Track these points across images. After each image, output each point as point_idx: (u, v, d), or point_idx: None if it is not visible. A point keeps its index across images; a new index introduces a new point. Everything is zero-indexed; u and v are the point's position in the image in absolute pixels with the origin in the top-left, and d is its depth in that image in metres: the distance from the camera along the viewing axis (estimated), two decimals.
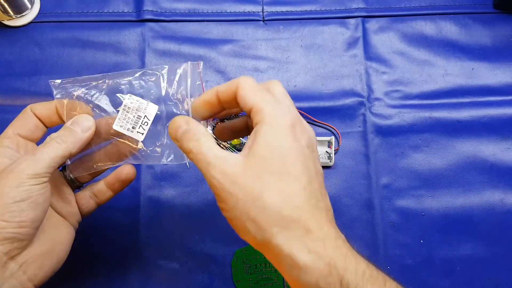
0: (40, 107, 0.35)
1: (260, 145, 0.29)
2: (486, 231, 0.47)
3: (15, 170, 0.31)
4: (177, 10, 0.53)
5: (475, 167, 0.49)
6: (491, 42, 0.53)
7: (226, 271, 0.46)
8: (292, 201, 0.28)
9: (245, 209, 0.28)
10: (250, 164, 0.29)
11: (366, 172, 0.49)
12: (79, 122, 0.34)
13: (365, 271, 0.28)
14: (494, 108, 0.50)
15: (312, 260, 0.27)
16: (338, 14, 0.53)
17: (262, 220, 0.28)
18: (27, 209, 0.30)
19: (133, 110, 0.35)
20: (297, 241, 0.28)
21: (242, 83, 0.31)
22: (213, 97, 0.32)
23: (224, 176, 0.28)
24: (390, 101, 0.51)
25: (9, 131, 0.35)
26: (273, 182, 0.28)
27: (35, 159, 0.32)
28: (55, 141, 0.33)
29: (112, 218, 0.47)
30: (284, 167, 0.28)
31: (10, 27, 0.52)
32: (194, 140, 0.30)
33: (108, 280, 0.46)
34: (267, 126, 0.29)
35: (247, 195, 0.28)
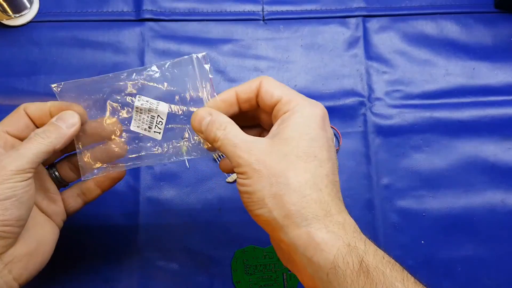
0: (34, 107, 0.35)
1: (289, 129, 0.30)
2: (487, 232, 0.47)
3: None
4: (177, 9, 0.53)
5: (476, 167, 0.49)
6: (492, 42, 0.53)
7: (226, 272, 0.46)
8: (315, 184, 0.29)
9: (268, 185, 0.28)
10: (277, 145, 0.30)
11: (366, 172, 0.49)
12: (64, 118, 0.34)
13: (384, 256, 0.28)
14: (495, 108, 0.50)
15: (331, 238, 0.27)
16: (339, 14, 0.53)
17: (284, 196, 0.28)
18: (11, 207, 0.30)
19: (145, 111, 0.35)
20: (316, 220, 0.28)
21: (265, 80, 0.32)
22: (232, 96, 0.33)
23: (251, 155, 0.29)
24: (391, 101, 0.51)
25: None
26: (298, 163, 0.29)
27: (18, 154, 0.31)
28: (39, 136, 0.33)
29: (112, 218, 0.47)
30: (311, 151, 0.29)
31: (9, 27, 0.51)
32: (220, 129, 0.31)
33: (107, 280, 0.46)
34: (297, 113, 0.30)
35: (271, 172, 0.29)
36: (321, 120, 0.31)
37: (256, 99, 0.33)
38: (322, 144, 0.30)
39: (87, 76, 0.50)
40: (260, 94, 0.32)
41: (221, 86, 0.51)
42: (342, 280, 0.27)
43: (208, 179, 0.48)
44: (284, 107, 0.31)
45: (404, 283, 0.27)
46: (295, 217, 0.28)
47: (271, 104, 0.32)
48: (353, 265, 0.27)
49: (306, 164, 0.29)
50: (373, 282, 0.26)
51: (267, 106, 0.32)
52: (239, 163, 0.30)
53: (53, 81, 0.50)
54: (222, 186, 0.48)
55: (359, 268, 0.26)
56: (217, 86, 0.51)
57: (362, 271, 0.26)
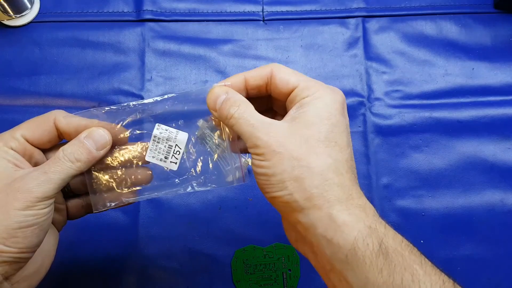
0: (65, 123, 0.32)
1: (310, 114, 0.29)
2: (487, 231, 0.47)
3: (24, 189, 0.28)
4: (177, 10, 0.53)
5: (475, 167, 0.49)
6: (491, 42, 0.53)
7: (226, 271, 0.46)
8: (337, 168, 0.28)
9: (289, 167, 0.28)
10: (297, 129, 0.29)
11: (366, 172, 0.49)
12: (94, 137, 0.32)
13: (403, 240, 0.28)
14: (495, 108, 0.50)
15: (352, 220, 0.27)
16: (338, 14, 0.53)
17: (306, 179, 0.28)
18: (31, 235, 0.29)
19: (163, 140, 0.34)
20: (338, 202, 0.28)
21: (277, 67, 0.31)
22: (241, 82, 0.32)
23: (270, 136, 0.29)
24: (390, 101, 0.51)
25: (17, 133, 0.31)
26: (320, 148, 0.29)
27: (47, 179, 0.29)
28: (67, 158, 0.30)
29: (112, 218, 0.47)
30: (332, 137, 0.29)
31: (9, 27, 0.51)
32: (235, 106, 0.30)
33: (107, 280, 0.46)
34: (317, 99, 0.30)
35: (293, 155, 0.28)
36: (341, 106, 0.30)
37: (266, 86, 0.32)
38: (343, 130, 0.30)
39: (87, 75, 0.51)
40: (273, 82, 0.31)
41: None
42: (361, 261, 0.27)
43: None
44: (302, 93, 0.30)
45: (422, 265, 0.27)
46: (317, 199, 0.28)
47: (287, 91, 0.31)
48: (373, 247, 0.27)
49: (327, 149, 0.29)
50: (392, 264, 0.26)
51: (282, 93, 0.31)
52: (257, 144, 0.29)
53: (53, 81, 0.51)
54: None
55: (378, 250, 0.27)
56: None
57: (382, 253, 0.27)
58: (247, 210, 0.48)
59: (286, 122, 0.30)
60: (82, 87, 0.50)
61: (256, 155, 0.29)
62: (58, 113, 0.32)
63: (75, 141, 0.31)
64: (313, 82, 0.31)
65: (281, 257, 0.46)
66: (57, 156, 0.30)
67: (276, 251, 0.46)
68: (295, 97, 0.31)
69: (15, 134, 0.31)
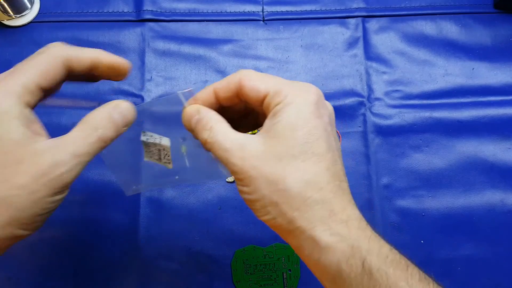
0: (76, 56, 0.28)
1: (282, 125, 0.28)
2: (487, 232, 0.47)
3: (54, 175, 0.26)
4: (177, 10, 0.53)
5: (475, 167, 0.49)
6: (491, 42, 0.53)
7: (226, 271, 0.46)
8: (316, 183, 0.27)
9: (267, 192, 0.27)
10: (271, 146, 0.28)
11: (366, 172, 0.49)
12: (123, 110, 0.29)
13: (388, 254, 0.27)
14: (495, 108, 0.50)
15: (335, 241, 0.27)
16: (338, 14, 0.53)
17: (284, 204, 0.27)
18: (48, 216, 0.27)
19: (152, 144, 0.34)
20: (320, 222, 0.27)
21: (245, 74, 0.29)
22: (210, 96, 0.31)
23: (244, 161, 0.27)
24: (391, 101, 0.51)
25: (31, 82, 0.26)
26: (295, 164, 0.27)
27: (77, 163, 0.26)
28: (98, 134, 0.27)
29: (112, 218, 0.47)
30: (307, 147, 0.27)
31: (9, 27, 0.51)
32: (207, 129, 0.29)
33: (107, 280, 0.46)
34: (288, 105, 0.28)
35: (269, 179, 0.27)
36: (315, 107, 0.28)
37: (238, 96, 0.30)
38: (319, 135, 0.28)
39: None
40: (244, 92, 0.29)
41: None
42: (347, 283, 0.26)
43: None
44: (274, 100, 0.28)
45: (408, 281, 0.26)
46: (299, 222, 0.27)
47: (259, 99, 0.29)
48: (356, 268, 0.26)
49: (304, 164, 0.27)
50: (376, 284, 0.26)
51: (256, 101, 0.30)
52: (234, 170, 0.28)
53: None
54: (222, 186, 0.48)
55: (362, 270, 0.26)
56: None
57: (365, 273, 0.26)
58: (247, 210, 0.48)
59: (260, 137, 0.28)
60: (82, 87, 0.50)
61: (236, 179, 0.29)
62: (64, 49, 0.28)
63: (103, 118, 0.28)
64: (284, 85, 0.29)
65: (281, 257, 0.46)
66: (87, 134, 0.27)
67: (276, 251, 0.46)
68: (268, 104, 0.29)
69: (30, 85, 0.26)
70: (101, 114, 0.28)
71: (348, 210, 0.28)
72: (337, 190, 0.28)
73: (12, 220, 0.25)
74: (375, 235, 0.28)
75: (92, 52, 0.29)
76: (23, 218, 0.25)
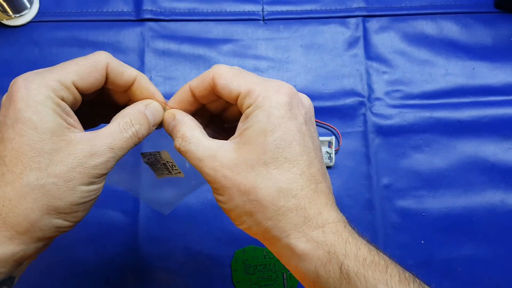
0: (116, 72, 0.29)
1: (253, 131, 0.27)
2: (487, 232, 0.47)
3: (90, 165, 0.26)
4: (177, 9, 0.53)
5: (476, 167, 0.49)
6: (492, 42, 0.53)
7: (225, 272, 0.46)
8: (289, 191, 0.27)
9: (241, 203, 0.27)
10: (242, 154, 0.27)
11: (366, 172, 0.49)
12: (154, 110, 0.29)
13: (366, 257, 0.26)
14: (495, 108, 0.50)
15: (311, 248, 0.26)
16: (339, 14, 0.53)
17: (258, 213, 0.27)
18: (89, 208, 0.27)
19: (155, 162, 0.34)
20: (295, 230, 0.27)
21: (217, 72, 0.28)
22: (187, 95, 0.30)
23: (217, 172, 0.27)
24: (391, 101, 0.51)
25: (68, 79, 0.27)
26: (267, 172, 0.26)
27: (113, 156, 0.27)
28: (134, 130, 0.28)
29: (112, 218, 0.47)
30: (279, 153, 0.27)
31: (9, 27, 0.51)
32: (179, 137, 0.29)
33: (107, 280, 0.46)
34: (259, 109, 0.27)
35: (241, 189, 0.27)
36: (286, 109, 0.27)
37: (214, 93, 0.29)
38: (291, 139, 0.27)
39: None
40: (217, 90, 0.29)
41: None
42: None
43: None
44: (245, 101, 0.28)
45: (387, 283, 0.26)
46: (274, 231, 0.27)
47: (233, 99, 0.28)
48: (334, 273, 0.26)
49: (276, 171, 0.26)
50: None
51: (230, 100, 0.29)
52: (208, 180, 0.28)
53: None
54: None
55: (340, 275, 0.26)
56: None
57: (344, 278, 0.26)
58: None
59: (233, 145, 0.28)
60: None
61: (212, 188, 0.28)
62: (109, 58, 0.29)
63: (139, 114, 0.29)
64: (255, 85, 0.28)
65: None
66: (123, 128, 0.28)
67: None
68: (241, 105, 0.28)
69: (66, 81, 0.27)
70: (136, 110, 0.29)
71: (324, 214, 0.27)
72: (312, 194, 0.27)
73: (50, 208, 0.25)
74: (353, 236, 0.27)
75: (136, 71, 0.30)
76: (60, 207, 0.25)
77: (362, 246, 0.27)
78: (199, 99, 0.30)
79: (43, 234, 0.26)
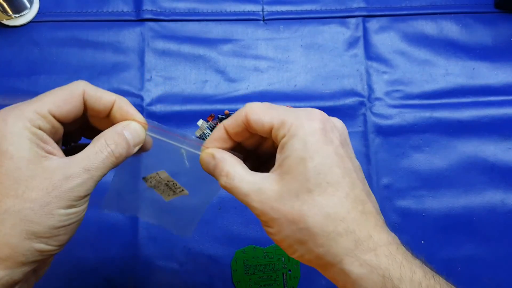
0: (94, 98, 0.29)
1: (292, 160, 0.27)
2: (487, 232, 0.47)
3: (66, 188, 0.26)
4: (177, 9, 0.53)
5: (476, 167, 0.49)
6: (492, 42, 0.53)
7: (225, 272, 0.46)
8: (336, 215, 0.27)
9: (290, 232, 0.27)
10: (285, 185, 0.27)
11: (366, 172, 0.49)
12: (132, 131, 0.30)
13: (422, 281, 0.26)
14: (495, 108, 0.50)
15: (365, 273, 0.26)
16: (339, 14, 0.53)
17: (309, 241, 0.27)
18: (71, 231, 0.28)
19: (158, 184, 0.34)
20: (347, 255, 0.27)
21: (250, 108, 0.29)
22: (222, 134, 0.31)
23: (264, 204, 0.28)
24: (391, 101, 0.51)
25: (44, 108, 0.27)
26: (312, 200, 0.27)
27: (89, 177, 0.27)
28: (109, 150, 0.28)
29: (112, 219, 0.47)
30: (321, 179, 0.27)
31: (9, 27, 0.51)
32: (223, 175, 0.29)
33: (107, 280, 0.46)
34: (294, 138, 0.27)
35: (289, 219, 0.27)
36: (321, 134, 0.28)
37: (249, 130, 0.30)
38: (331, 163, 0.27)
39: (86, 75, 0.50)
40: (250, 126, 0.29)
41: (221, 86, 0.51)
42: None
43: None
44: (279, 132, 0.28)
45: None
46: (326, 257, 0.27)
47: (266, 132, 0.29)
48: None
49: (321, 197, 0.27)
50: None
51: (264, 134, 0.30)
52: (256, 213, 0.28)
53: (53, 81, 0.51)
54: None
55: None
56: (217, 86, 0.51)
57: None
58: (247, 210, 0.47)
59: (275, 176, 0.28)
60: None
61: (261, 221, 0.29)
62: (86, 86, 0.29)
63: (115, 133, 0.29)
64: (287, 115, 0.28)
65: (281, 258, 0.46)
66: (99, 149, 0.28)
67: (276, 251, 0.46)
68: (275, 137, 0.29)
69: (42, 111, 0.27)
70: (112, 131, 0.29)
71: (375, 236, 0.27)
72: (359, 217, 0.27)
73: (29, 232, 0.26)
74: (407, 259, 0.27)
75: (113, 95, 0.30)
76: (39, 231, 0.26)
77: (417, 269, 0.27)
78: (233, 137, 0.31)
79: (26, 258, 0.26)
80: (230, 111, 0.50)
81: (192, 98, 0.50)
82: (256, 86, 0.51)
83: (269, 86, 0.51)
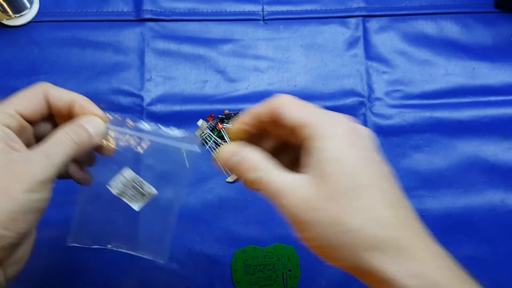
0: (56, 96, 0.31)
1: (326, 162, 0.26)
2: (487, 232, 0.47)
3: (27, 173, 0.27)
4: (177, 9, 0.53)
5: (476, 167, 0.49)
6: (492, 42, 0.53)
7: (225, 272, 0.46)
8: (378, 218, 0.26)
9: (329, 237, 0.26)
10: (320, 186, 0.26)
11: None
12: (91, 122, 0.31)
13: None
14: (495, 108, 0.50)
15: (416, 284, 0.25)
16: (339, 14, 0.53)
17: (351, 245, 0.25)
18: (32, 220, 0.28)
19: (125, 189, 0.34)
20: (395, 264, 0.25)
21: (284, 101, 0.29)
22: (253, 119, 0.30)
23: (297, 206, 0.26)
24: (391, 101, 0.51)
25: (11, 108, 0.30)
26: (350, 201, 0.26)
27: (50, 163, 0.28)
28: (70, 139, 0.29)
29: None
30: (358, 181, 0.26)
31: (9, 27, 0.51)
32: (252, 171, 0.28)
33: (107, 281, 0.46)
34: (328, 139, 0.27)
35: (326, 222, 0.26)
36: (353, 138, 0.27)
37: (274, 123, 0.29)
38: (366, 165, 0.27)
39: (86, 75, 0.50)
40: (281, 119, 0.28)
41: (221, 86, 0.51)
42: None
43: (208, 179, 0.48)
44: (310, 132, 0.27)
45: None
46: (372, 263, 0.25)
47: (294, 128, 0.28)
48: None
49: (358, 200, 0.26)
50: None
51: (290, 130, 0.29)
52: (288, 215, 0.27)
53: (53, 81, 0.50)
54: (222, 186, 0.48)
55: None
56: (217, 86, 0.51)
57: None
58: (247, 210, 0.48)
59: (307, 178, 0.27)
60: (82, 87, 0.50)
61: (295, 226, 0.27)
62: (47, 86, 0.31)
63: (74, 125, 0.31)
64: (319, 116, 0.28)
65: (281, 258, 0.46)
66: (58, 137, 0.29)
67: (276, 251, 0.46)
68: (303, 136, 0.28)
69: (9, 110, 0.29)
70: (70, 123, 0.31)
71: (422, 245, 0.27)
72: (403, 222, 0.27)
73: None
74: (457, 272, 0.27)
75: (73, 94, 0.32)
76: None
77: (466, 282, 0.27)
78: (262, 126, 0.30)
79: None
80: (230, 111, 0.50)
81: (192, 98, 0.50)
82: (256, 86, 0.51)
83: (269, 86, 0.51)
